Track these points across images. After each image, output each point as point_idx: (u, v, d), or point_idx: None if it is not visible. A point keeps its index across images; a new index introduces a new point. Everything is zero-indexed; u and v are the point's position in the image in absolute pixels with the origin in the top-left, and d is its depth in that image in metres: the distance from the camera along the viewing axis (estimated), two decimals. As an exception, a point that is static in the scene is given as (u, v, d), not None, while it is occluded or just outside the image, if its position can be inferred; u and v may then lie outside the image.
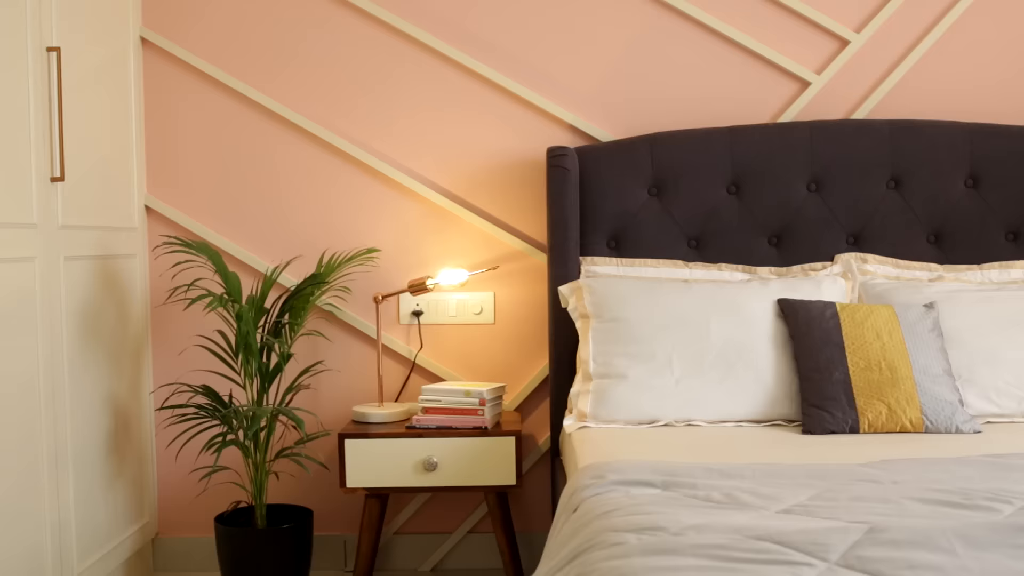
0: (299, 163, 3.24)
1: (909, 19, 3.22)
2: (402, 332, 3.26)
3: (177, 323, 3.21)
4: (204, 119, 3.24)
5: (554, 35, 3.23)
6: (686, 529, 1.64)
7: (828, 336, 2.74)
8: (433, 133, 3.24)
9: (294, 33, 3.22)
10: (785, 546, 1.54)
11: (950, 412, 2.63)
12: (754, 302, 2.86)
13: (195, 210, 3.24)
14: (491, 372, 3.26)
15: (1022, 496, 1.85)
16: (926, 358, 2.72)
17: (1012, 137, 3.12)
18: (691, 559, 1.50)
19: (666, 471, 2.10)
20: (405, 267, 3.25)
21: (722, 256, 3.10)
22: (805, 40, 3.23)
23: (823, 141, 3.11)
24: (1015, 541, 1.55)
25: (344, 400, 3.24)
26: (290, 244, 3.24)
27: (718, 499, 1.87)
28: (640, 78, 3.23)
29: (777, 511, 1.81)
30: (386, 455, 2.93)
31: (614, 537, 1.64)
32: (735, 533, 1.60)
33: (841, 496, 1.87)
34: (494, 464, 2.94)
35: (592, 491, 2.02)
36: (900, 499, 1.84)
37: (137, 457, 3.15)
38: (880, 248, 3.10)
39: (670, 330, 2.81)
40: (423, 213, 3.24)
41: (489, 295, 3.25)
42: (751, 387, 2.75)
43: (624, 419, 2.74)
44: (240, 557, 2.94)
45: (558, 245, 3.04)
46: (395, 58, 3.23)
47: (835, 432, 2.63)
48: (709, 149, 3.11)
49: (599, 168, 3.10)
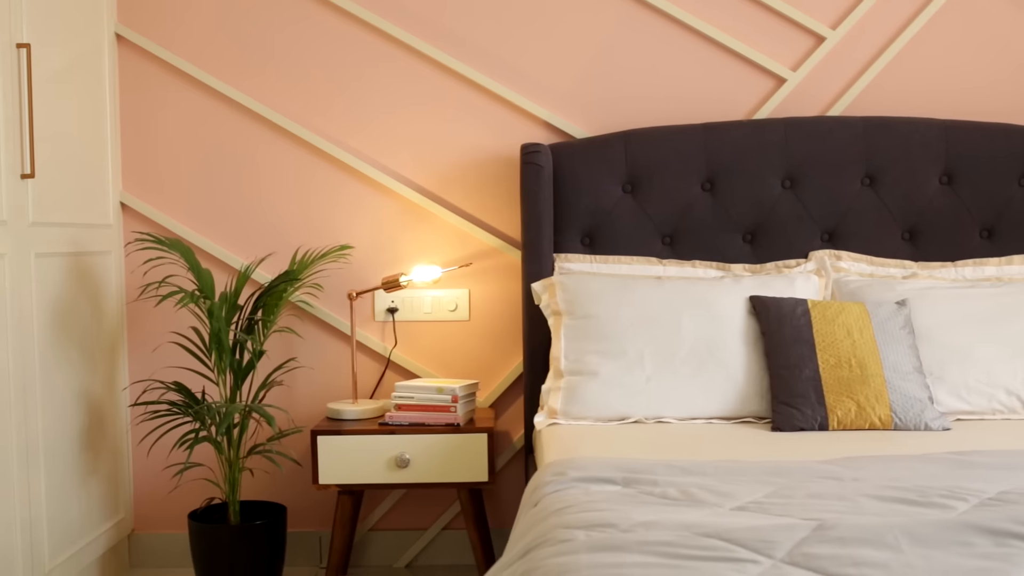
0: (275, 160, 3.24)
1: (885, 16, 3.22)
2: (377, 329, 3.26)
3: (153, 320, 3.21)
4: (180, 116, 3.23)
5: (529, 32, 3.22)
6: (636, 526, 1.64)
7: (799, 333, 2.74)
8: (409, 130, 3.24)
9: (270, 30, 3.22)
10: (732, 543, 1.54)
11: (919, 409, 2.63)
12: (726, 299, 2.86)
13: (171, 207, 3.24)
14: (466, 369, 3.26)
15: (978, 493, 1.85)
16: (896, 355, 2.72)
17: (987, 134, 3.12)
18: (637, 556, 1.50)
19: (628, 468, 2.10)
20: (380, 264, 3.24)
21: (696, 253, 3.10)
22: (781, 37, 3.22)
23: (798, 138, 3.11)
24: (962, 538, 1.55)
25: (319, 397, 3.24)
26: (266, 241, 3.24)
27: (675, 496, 1.88)
28: (615, 75, 3.23)
29: (732, 508, 1.81)
30: (359, 452, 2.93)
31: (564, 534, 1.64)
32: (684, 530, 1.60)
33: (797, 493, 1.87)
34: (466, 461, 2.94)
35: (552, 488, 2.02)
36: (856, 496, 1.84)
37: (112, 453, 3.15)
38: (854, 245, 3.10)
39: (641, 327, 2.81)
40: (398, 210, 3.24)
41: (464, 292, 3.25)
42: (722, 384, 2.76)
43: (594, 416, 2.74)
44: (213, 554, 2.94)
45: (532, 242, 3.04)
46: (371, 55, 3.22)
47: (804, 429, 2.63)
48: (683, 146, 3.10)
49: (573, 165, 3.09)
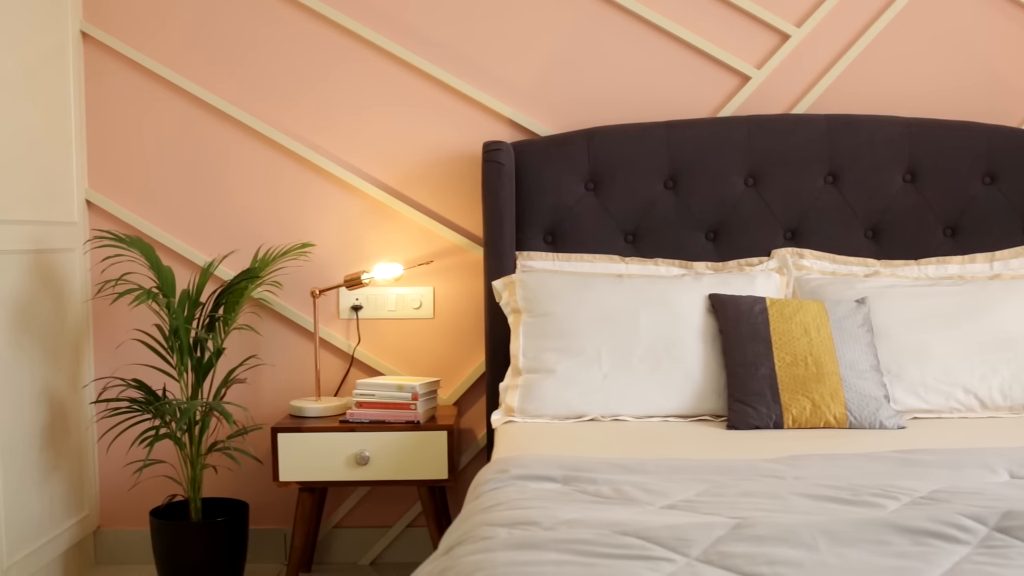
0: (242, 158, 3.24)
1: (850, 14, 3.21)
2: (342, 327, 3.26)
3: (119, 317, 3.21)
4: (147, 114, 3.24)
5: (494, 29, 3.22)
6: (559, 524, 1.65)
7: (755, 331, 2.74)
8: (374, 128, 3.24)
9: (237, 28, 3.22)
10: (649, 541, 1.54)
11: (874, 408, 2.63)
12: (685, 297, 2.86)
13: (137, 204, 3.25)
14: (431, 366, 3.26)
15: (910, 492, 1.85)
16: (853, 353, 2.72)
17: (951, 131, 3.11)
18: (553, 554, 1.51)
19: (570, 466, 2.10)
20: (345, 261, 3.25)
21: (659, 251, 3.10)
22: (745, 35, 3.22)
23: (760, 136, 3.10)
24: (880, 537, 1.55)
25: (283, 394, 3.25)
26: (232, 238, 3.25)
27: (608, 495, 1.88)
28: (579, 73, 3.23)
29: (662, 507, 1.81)
30: (319, 449, 2.94)
31: (486, 531, 1.64)
32: (605, 528, 1.60)
33: (729, 492, 1.87)
34: (426, 458, 2.94)
35: (492, 485, 2.02)
36: (788, 495, 1.84)
37: (76, 451, 3.16)
38: (817, 243, 3.10)
39: (600, 325, 2.81)
40: (364, 208, 3.25)
41: (428, 290, 3.25)
42: (679, 382, 2.75)
43: (551, 414, 2.73)
44: (174, 551, 2.95)
45: (493, 240, 3.04)
46: (337, 54, 3.23)
47: (759, 427, 2.63)
48: (646, 144, 3.10)
49: (536, 163, 3.09)
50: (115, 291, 2.94)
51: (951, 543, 1.53)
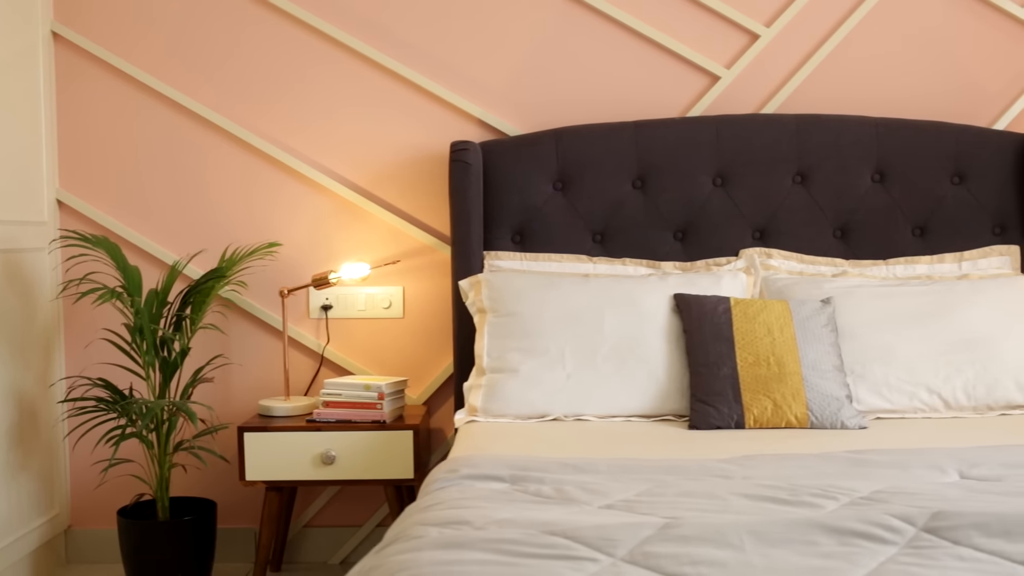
0: (214, 158, 3.25)
1: (819, 13, 3.21)
2: (312, 326, 3.27)
3: (90, 316, 3.22)
4: (118, 114, 3.25)
5: (464, 30, 3.22)
6: (490, 524, 1.65)
7: (719, 331, 2.74)
8: (346, 129, 3.24)
9: (209, 30, 3.22)
10: (576, 541, 1.54)
11: (836, 408, 2.62)
12: (650, 297, 2.85)
13: (107, 204, 3.26)
14: (400, 366, 3.27)
15: (850, 492, 1.85)
16: (816, 353, 2.71)
17: (919, 132, 3.11)
18: (478, 553, 1.51)
19: (520, 466, 2.11)
20: (315, 261, 3.25)
21: (627, 251, 3.10)
22: (715, 35, 3.22)
23: (729, 135, 3.10)
24: (808, 538, 1.55)
25: (253, 394, 3.26)
26: (203, 238, 3.25)
27: (549, 494, 1.88)
28: (549, 73, 3.23)
29: (599, 506, 1.81)
30: (285, 448, 2.94)
31: (418, 531, 1.65)
32: (533, 528, 1.60)
33: (670, 492, 1.87)
34: (392, 458, 2.94)
35: (439, 484, 2.03)
36: (727, 495, 1.83)
37: (45, 450, 3.17)
38: (786, 243, 3.10)
39: (564, 324, 2.81)
40: (334, 208, 3.25)
41: (398, 289, 3.26)
42: (643, 382, 2.75)
43: (514, 414, 2.73)
44: (142, 550, 2.95)
45: (461, 239, 3.04)
46: (309, 54, 3.23)
47: (720, 427, 2.63)
48: (614, 143, 3.10)
49: (504, 163, 3.09)
50: (78, 290, 2.95)
51: (878, 543, 1.53)
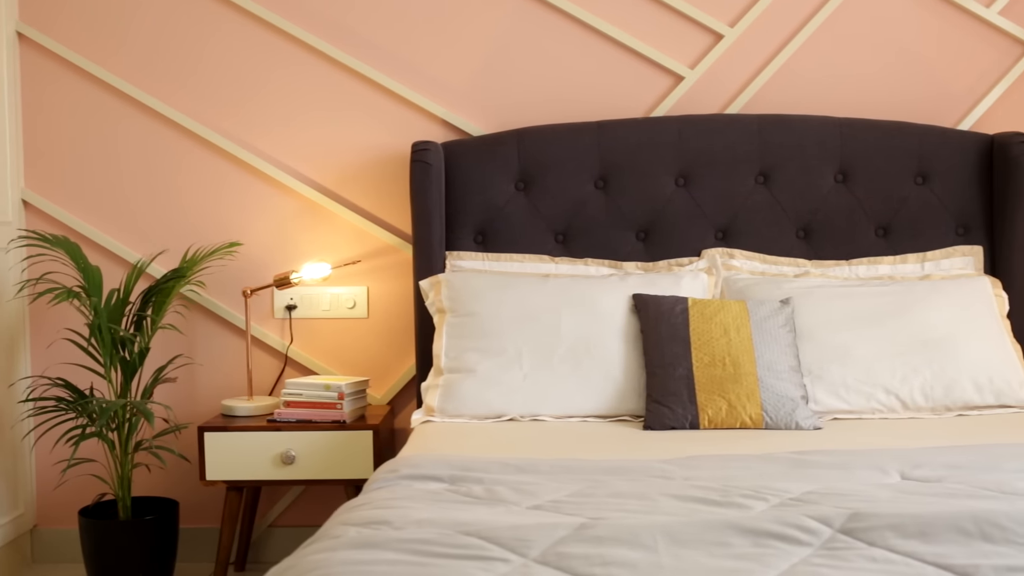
0: (180, 160, 3.25)
1: (783, 13, 3.20)
2: (277, 326, 3.27)
3: (56, 316, 3.22)
4: (84, 114, 3.25)
5: (428, 30, 3.22)
6: (409, 524, 1.65)
7: (675, 331, 2.73)
8: (311, 130, 3.24)
9: (173, 30, 3.22)
10: (490, 542, 1.54)
11: (791, 408, 2.62)
12: (609, 297, 2.85)
13: (74, 204, 3.26)
14: (365, 366, 3.27)
15: (781, 493, 1.84)
16: (773, 354, 2.70)
17: (882, 132, 3.10)
18: (390, 553, 1.51)
19: (462, 466, 2.11)
20: (280, 261, 3.25)
21: (589, 251, 3.09)
22: (679, 34, 3.21)
23: (692, 135, 3.09)
24: (722, 539, 1.54)
25: (218, 393, 3.26)
26: (169, 239, 3.25)
27: (479, 495, 1.88)
28: (514, 73, 3.23)
29: (527, 507, 1.81)
30: (246, 448, 2.94)
31: (339, 530, 1.65)
32: (451, 528, 1.60)
33: (601, 492, 1.87)
34: (352, 458, 2.94)
35: (378, 484, 2.03)
36: (657, 496, 1.83)
37: (9, 450, 3.17)
38: (748, 243, 3.09)
39: (522, 325, 2.81)
40: (299, 209, 3.25)
41: (363, 289, 3.26)
42: (599, 383, 2.75)
43: (470, 414, 2.73)
44: (103, 549, 2.96)
45: (422, 239, 3.03)
46: (273, 54, 3.23)
47: (675, 428, 2.62)
48: (577, 143, 3.10)
49: (466, 162, 3.09)
50: (35, 290, 2.95)
51: (792, 545, 1.53)
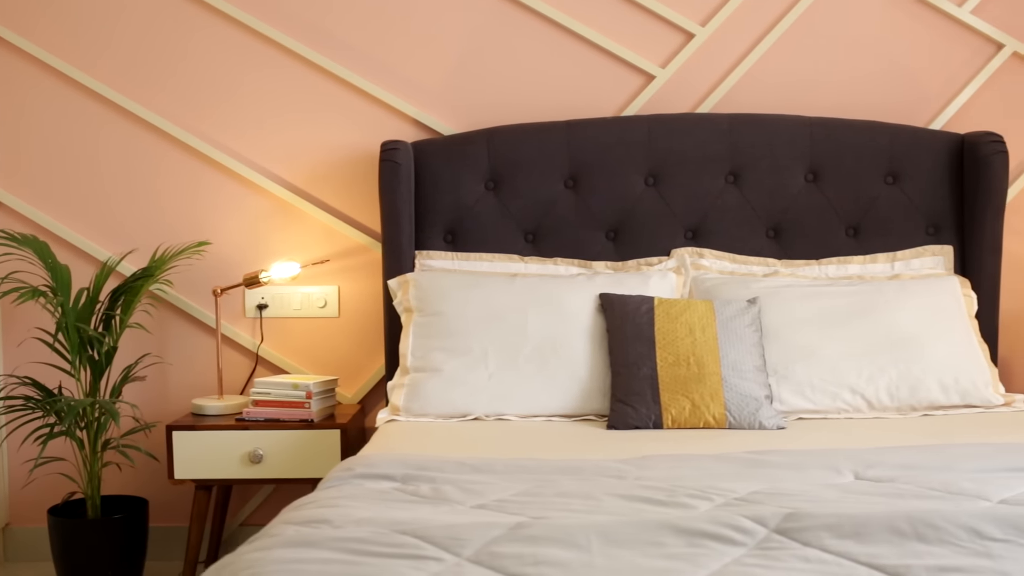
0: (153, 160, 3.25)
1: (754, 13, 3.20)
2: (248, 325, 3.27)
3: (28, 315, 3.22)
4: (54, 113, 3.25)
5: (400, 30, 3.22)
6: (348, 523, 1.65)
7: (640, 331, 2.73)
8: (284, 129, 3.24)
9: (144, 28, 3.22)
10: (425, 540, 1.54)
11: (754, 408, 2.61)
12: (576, 297, 2.85)
13: (46, 203, 3.26)
14: (336, 365, 3.27)
15: (726, 493, 1.84)
16: (738, 353, 2.70)
17: (853, 131, 3.09)
18: (324, 552, 1.51)
19: (416, 465, 2.10)
20: (251, 260, 3.25)
21: (559, 250, 3.09)
22: (650, 34, 3.21)
23: (662, 135, 3.09)
24: (656, 539, 1.54)
25: (188, 392, 3.26)
26: (140, 238, 3.25)
27: (425, 494, 1.87)
28: (485, 72, 3.23)
29: (471, 506, 1.81)
30: (214, 447, 2.94)
31: (278, 529, 1.65)
32: (388, 527, 1.60)
33: (548, 492, 1.87)
34: (319, 456, 2.94)
35: (330, 483, 2.03)
36: (603, 496, 1.83)
37: (-20, 447, 3.18)
38: (718, 243, 3.08)
39: (488, 324, 2.81)
40: (270, 208, 3.25)
41: (333, 289, 3.26)
42: (565, 382, 2.75)
43: (436, 413, 2.73)
44: (72, 548, 2.96)
45: (391, 239, 3.03)
46: (246, 54, 3.23)
47: (639, 427, 2.62)
48: (546, 143, 3.09)
49: (435, 162, 3.09)
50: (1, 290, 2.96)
51: (726, 544, 1.53)
